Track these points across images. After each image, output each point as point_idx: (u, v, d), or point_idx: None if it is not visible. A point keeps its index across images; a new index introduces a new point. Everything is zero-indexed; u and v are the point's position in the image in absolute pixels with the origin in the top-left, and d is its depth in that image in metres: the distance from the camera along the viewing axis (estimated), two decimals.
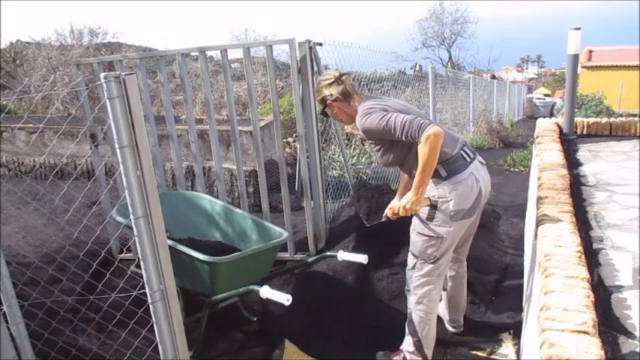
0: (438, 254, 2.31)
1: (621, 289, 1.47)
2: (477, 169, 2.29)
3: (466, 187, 2.21)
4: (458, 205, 2.21)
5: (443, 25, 26.16)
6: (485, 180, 2.33)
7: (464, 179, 2.21)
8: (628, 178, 2.55)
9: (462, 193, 2.20)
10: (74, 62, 3.80)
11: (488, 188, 2.37)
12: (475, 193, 2.23)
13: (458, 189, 2.20)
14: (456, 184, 2.21)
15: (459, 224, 2.27)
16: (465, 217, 2.25)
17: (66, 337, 2.53)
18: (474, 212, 2.29)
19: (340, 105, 2.40)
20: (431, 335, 2.46)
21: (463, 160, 2.25)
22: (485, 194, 2.34)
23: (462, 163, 2.24)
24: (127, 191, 1.61)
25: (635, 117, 5.11)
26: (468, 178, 2.22)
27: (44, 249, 3.52)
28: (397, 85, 6.44)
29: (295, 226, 3.95)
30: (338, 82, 2.38)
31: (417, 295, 2.41)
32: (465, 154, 2.29)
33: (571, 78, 3.26)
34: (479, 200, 2.27)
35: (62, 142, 5.74)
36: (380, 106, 2.26)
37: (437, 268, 2.36)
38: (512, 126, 11.12)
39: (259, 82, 10.04)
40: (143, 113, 1.83)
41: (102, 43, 12.98)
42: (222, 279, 2.55)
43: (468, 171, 2.23)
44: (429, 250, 2.31)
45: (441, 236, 2.26)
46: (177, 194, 3.42)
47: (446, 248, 2.32)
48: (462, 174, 2.22)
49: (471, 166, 2.26)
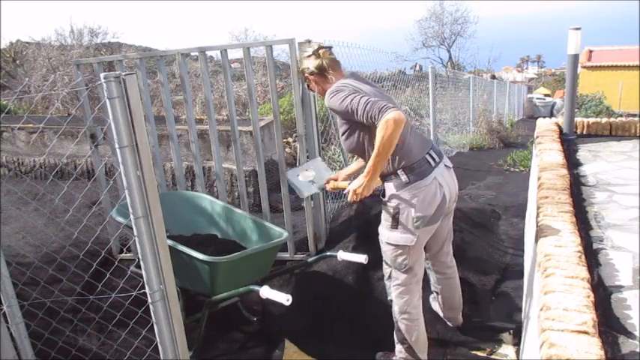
0: (409, 263, 2.27)
1: (621, 289, 1.47)
2: (442, 173, 2.23)
3: (428, 193, 2.15)
4: (420, 212, 2.15)
5: (443, 25, 26.18)
6: (450, 184, 2.27)
7: (426, 185, 2.15)
8: (628, 178, 2.55)
9: (424, 199, 2.14)
10: (74, 62, 3.80)
11: (453, 192, 2.32)
12: (438, 199, 2.17)
13: (419, 195, 2.14)
14: (418, 191, 2.14)
15: (424, 231, 2.22)
16: (428, 224, 2.20)
17: (66, 337, 2.53)
18: (438, 219, 2.24)
19: (317, 79, 2.32)
20: (421, 339, 2.44)
21: (427, 165, 2.18)
22: (450, 199, 2.28)
23: (426, 167, 2.17)
24: (127, 191, 1.61)
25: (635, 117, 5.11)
26: (431, 184, 2.16)
27: (44, 249, 3.51)
28: (397, 85, 6.45)
29: (295, 226, 3.95)
30: (316, 56, 2.30)
31: (399, 304, 2.38)
32: (430, 157, 2.21)
33: (571, 78, 3.26)
34: (442, 206, 2.21)
35: (62, 142, 5.74)
36: (352, 87, 2.13)
37: (413, 276, 2.32)
38: (512, 126, 11.12)
39: (259, 82, 10.04)
40: (143, 113, 1.83)
41: (102, 43, 12.97)
42: (222, 279, 2.55)
43: (431, 176, 2.16)
44: (398, 259, 2.28)
45: (406, 245, 2.22)
46: (177, 194, 3.42)
47: (417, 256, 2.28)
48: (424, 180, 2.15)
49: (435, 171, 2.19)
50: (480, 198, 5.23)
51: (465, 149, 8.96)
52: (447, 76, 9.00)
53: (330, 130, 4.39)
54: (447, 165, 2.32)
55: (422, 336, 2.44)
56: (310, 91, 2.65)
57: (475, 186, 5.98)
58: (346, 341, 2.81)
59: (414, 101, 8.69)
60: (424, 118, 8.07)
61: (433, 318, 2.87)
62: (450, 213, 2.44)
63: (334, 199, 4.14)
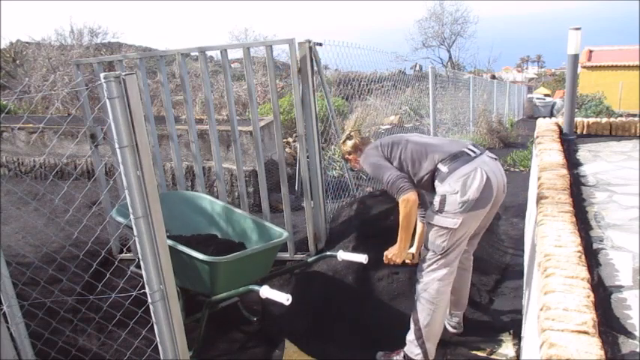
0: (446, 245, 2.35)
1: (621, 289, 1.47)
2: (485, 162, 2.35)
3: (470, 178, 2.27)
4: (464, 197, 2.26)
5: (443, 25, 26.17)
6: (496, 172, 2.36)
7: (468, 172, 2.29)
8: (628, 178, 2.55)
9: (466, 184, 2.26)
10: (74, 62, 3.80)
11: (500, 181, 2.40)
12: (482, 184, 2.26)
13: (462, 181, 2.27)
14: (460, 177, 2.28)
15: (470, 216, 2.30)
16: (474, 208, 2.28)
17: (66, 337, 2.52)
18: (486, 203, 2.32)
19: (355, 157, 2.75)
20: (434, 328, 2.46)
21: (466, 156, 2.35)
22: (497, 187, 2.36)
23: (465, 158, 2.34)
24: (127, 191, 1.61)
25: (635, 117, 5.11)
26: (473, 170, 2.29)
27: (44, 249, 3.51)
28: (397, 85, 6.44)
29: (295, 226, 3.94)
30: (349, 138, 2.78)
31: (422, 282, 2.44)
32: (470, 150, 2.39)
33: (571, 78, 3.26)
34: (488, 191, 2.29)
35: (62, 142, 5.74)
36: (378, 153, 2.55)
37: (446, 260, 2.39)
38: (512, 126, 11.12)
39: (259, 82, 10.04)
40: (143, 113, 1.83)
41: (102, 43, 12.97)
42: (222, 279, 2.55)
43: (472, 164, 2.31)
44: (437, 240, 2.37)
45: (449, 228, 2.31)
46: (177, 194, 3.42)
47: (456, 240, 2.35)
48: (464, 167, 2.30)
49: (477, 160, 2.34)
50: None
51: None
52: (446, 76, 8.99)
53: (330, 130, 4.39)
54: (491, 156, 2.44)
55: (436, 325, 2.46)
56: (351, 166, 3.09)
57: None
58: (346, 341, 2.81)
59: (414, 101, 8.69)
60: (424, 118, 8.07)
61: None
62: (497, 204, 2.49)
63: (334, 199, 4.14)
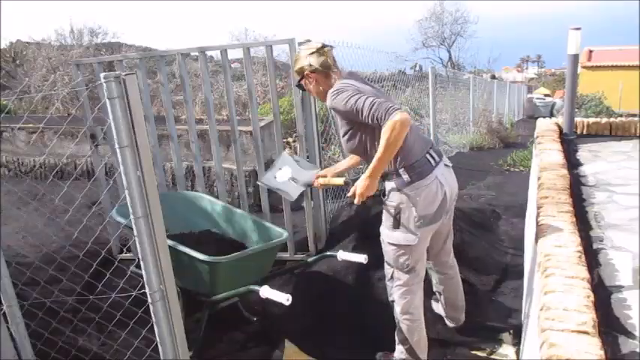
0: (411, 263, 2.27)
1: (621, 289, 1.47)
2: (442, 173, 2.23)
3: (430, 192, 2.15)
4: (422, 211, 2.16)
5: (443, 25, 26.21)
6: (450, 184, 2.27)
7: (427, 184, 2.15)
8: (628, 178, 2.55)
9: (425, 198, 2.15)
10: (74, 62, 3.80)
11: (454, 191, 2.32)
12: (440, 198, 2.18)
13: (421, 194, 2.14)
14: (419, 190, 2.15)
15: (426, 230, 2.22)
16: (430, 223, 2.21)
17: (66, 337, 2.52)
18: (439, 218, 2.24)
19: (318, 77, 2.26)
20: (423, 341, 2.44)
21: (428, 165, 2.18)
22: (450, 198, 2.28)
23: (427, 167, 2.17)
24: (127, 191, 1.61)
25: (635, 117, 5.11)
26: (432, 182, 2.16)
27: (44, 249, 3.51)
28: (397, 85, 6.44)
29: (295, 226, 3.94)
30: (319, 53, 2.23)
31: (401, 305, 2.37)
32: (431, 157, 2.21)
33: (571, 78, 3.26)
34: (443, 205, 2.22)
35: (62, 142, 5.74)
36: (354, 87, 2.12)
37: (415, 276, 2.32)
38: (512, 126, 11.14)
39: (259, 82, 10.03)
40: (143, 113, 1.83)
41: (102, 43, 12.96)
42: (222, 279, 2.55)
43: (432, 175, 2.17)
44: (401, 259, 2.27)
45: (409, 245, 2.22)
46: (177, 194, 3.42)
47: (419, 256, 2.28)
48: (425, 179, 2.15)
49: (436, 170, 2.19)
50: (480, 198, 5.23)
51: (464, 149, 8.95)
52: (446, 76, 9.00)
53: (330, 130, 4.38)
54: (447, 164, 2.32)
55: (423, 337, 2.44)
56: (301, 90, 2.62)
57: (475, 186, 5.97)
58: (346, 341, 2.81)
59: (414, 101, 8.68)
60: (424, 118, 8.07)
61: (434, 318, 2.87)
62: (450, 212, 2.44)
63: (334, 199, 4.14)
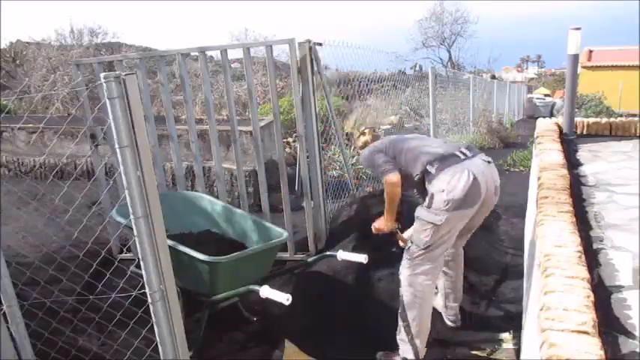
0: (429, 241, 2.38)
1: (621, 289, 1.47)
2: (476, 165, 2.39)
3: (456, 178, 2.32)
4: (449, 195, 2.30)
5: (443, 25, 26.20)
6: (486, 175, 2.40)
7: (455, 172, 2.33)
8: (628, 178, 2.55)
9: (450, 183, 2.31)
10: (74, 62, 3.81)
11: (490, 183, 2.43)
12: (467, 184, 2.30)
13: (448, 180, 2.32)
14: (446, 176, 2.33)
15: (455, 215, 2.34)
16: (459, 207, 2.32)
17: (66, 337, 2.52)
18: (472, 204, 2.35)
19: None
20: (422, 324, 2.48)
21: (456, 157, 2.41)
22: (487, 188, 2.39)
23: (454, 159, 2.40)
24: (127, 191, 1.61)
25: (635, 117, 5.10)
26: (460, 171, 2.33)
27: (44, 249, 3.51)
28: (397, 85, 6.44)
29: (295, 226, 3.94)
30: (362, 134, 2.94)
31: (405, 276, 2.48)
32: (461, 153, 2.44)
33: (571, 78, 3.26)
34: (475, 192, 2.33)
35: (62, 142, 5.74)
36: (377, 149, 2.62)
37: (429, 254, 2.41)
38: (512, 126, 11.13)
39: (259, 82, 10.03)
40: (143, 113, 1.83)
41: (102, 43, 12.97)
42: (222, 279, 2.55)
43: (460, 166, 2.35)
44: (421, 235, 2.40)
45: (433, 223, 2.34)
46: (177, 194, 3.42)
47: (440, 237, 2.38)
48: (451, 167, 2.36)
49: (466, 163, 2.39)
50: None
51: None
52: (446, 76, 8.99)
53: (330, 130, 4.38)
54: (485, 160, 2.49)
55: (424, 320, 2.49)
56: None
57: None
58: (346, 341, 2.81)
59: (414, 101, 8.68)
60: (424, 118, 8.07)
61: (433, 318, 2.87)
62: (487, 205, 2.53)
63: (334, 199, 4.14)
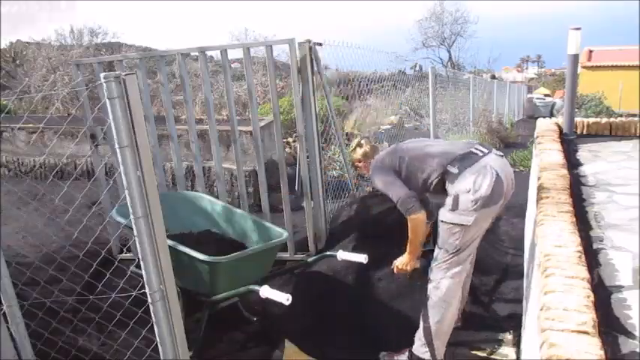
0: (459, 244, 2.36)
1: (621, 289, 1.47)
2: (494, 160, 2.39)
3: (480, 176, 2.31)
4: (477, 194, 2.28)
5: (443, 25, 26.22)
6: (504, 169, 2.40)
7: (478, 170, 2.32)
8: (628, 178, 2.54)
9: (475, 181, 2.29)
10: (74, 62, 3.81)
11: (508, 177, 2.43)
12: (492, 180, 2.30)
13: (473, 179, 2.30)
14: (471, 176, 2.31)
15: (483, 213, 2.32)
16: (487, 204, 2.30)
17: (66, 337, 2.52)
18: (498, 199, 2.34)
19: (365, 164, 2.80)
20: (445, 327, 2.46)
21: (474, 156, 2.39)
22: (507, 182, 2.38)
23: (474, 157, 2.38)
24: (127, 191, 1.61)
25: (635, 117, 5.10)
26: (482, 168, 2.32)
27: (44, 249, 3.51)
28: (397, 85, 6.44)
29: (295, 226, 3.94)
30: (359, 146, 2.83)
31: (434, 280, 2.45)
32: (478, 150, 2.43)
33: (571, 78, 3.26)
34: (499, 187, 2.32)
35: (62, 142, 5.74)
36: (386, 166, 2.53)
37: (457, 256, 2.39)
38: (512, 126, 11.13)
39: (259, 82, 10.03)
40: (143, 113, 1.83)
41: (102, 43, 12.97)
42: (222, 279, 2.55)
43: (481, 163, 2.35)
44: (450, 239, 2.37)
45: (463, 225, 2.32)
46: (177, 194, 3.42)
47: (469, 238, 2.37)
48: (474, 166, 2.34)
49: (485, 159, 2.37)
50: None
51: None
52: (446, 76, 8.99)
53: (330, 130, 4.38)
54: (498, 154, 2.48)
55: (446, 323, 2.47)
56: None
57: None
58: (346, 341, 2.81)
59: (414, 101, 8.68)
60: (424, 118, 8.07)
61: None
62: (507, 200, 2.51)
63: (334, 199, 4.14)
